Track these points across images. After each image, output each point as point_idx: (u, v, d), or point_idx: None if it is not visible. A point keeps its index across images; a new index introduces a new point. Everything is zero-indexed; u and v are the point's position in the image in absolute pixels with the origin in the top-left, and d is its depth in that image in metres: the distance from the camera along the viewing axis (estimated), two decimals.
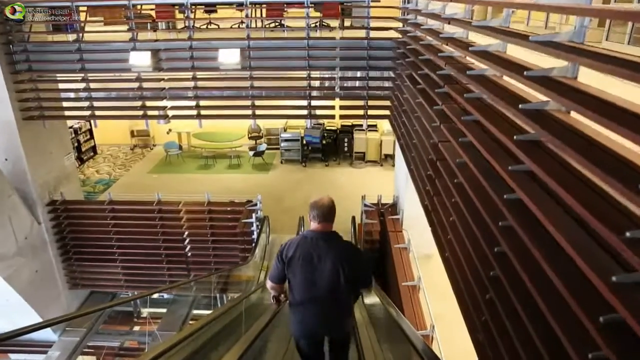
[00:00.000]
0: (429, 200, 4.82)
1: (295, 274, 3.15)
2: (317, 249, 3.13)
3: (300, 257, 3.13)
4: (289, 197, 12.80)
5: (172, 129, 15.88)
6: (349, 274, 3.11)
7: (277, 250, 3.29)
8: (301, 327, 3.28)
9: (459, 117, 3.93)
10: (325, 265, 3.10)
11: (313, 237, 3.19)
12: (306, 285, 3.13)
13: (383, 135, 14.58)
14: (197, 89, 9.00)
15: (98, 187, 13.47)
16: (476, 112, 3.49)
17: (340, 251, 3.17)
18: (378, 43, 8.50)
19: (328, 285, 3.10)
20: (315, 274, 3.11)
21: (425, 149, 5.23)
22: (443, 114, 4.56)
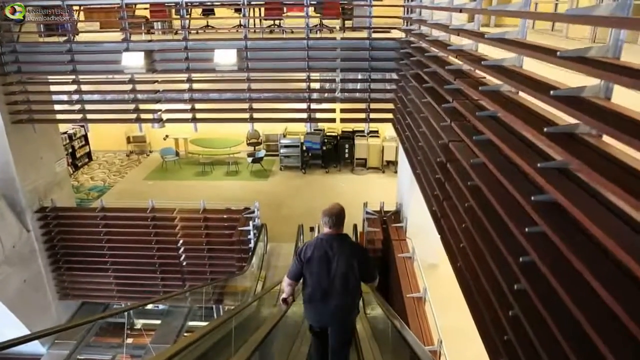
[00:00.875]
0: (438, 205, 4.44)
1: (313, 271, 3.66)
2: (332, 249, 3.68)
3: (318, 256, 3.65)
4: (288, 204, 12.43)
5: (169, 134, 15.54)
6: (358, 268, 3.69)
7: (295, 252, 3.84)
8: (317, 316, 3.81)
9: (473, 113, 3.56)
10: (339, 262, 3.64)
11: (327, 239, 3.74)
12: (323, 279, 3.62)
13: (385, 141, 14.24)
14: (193, 91, 8.66)
15: (92, 194, 13.10)
16: (497, 106, 3.12)
17: (351, 250, 3.75)
18: (380, 43, 8.17)
19: (341, 278, 3.63)
20: (331, 269, 3.63)
21: (433, 150, 4.86)
22: (454, 111, 4.20)
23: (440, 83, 4.72)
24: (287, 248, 9.47)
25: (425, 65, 5.77)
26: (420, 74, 5.68)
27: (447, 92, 4.37)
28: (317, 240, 3.78)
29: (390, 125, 14.44)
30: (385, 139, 14.40)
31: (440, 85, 4.65)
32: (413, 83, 6.55)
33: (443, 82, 4.76)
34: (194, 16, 10.72)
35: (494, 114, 3.38)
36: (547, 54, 2.66)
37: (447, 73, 4.50)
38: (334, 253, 3.68)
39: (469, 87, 3.84)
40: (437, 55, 5.44)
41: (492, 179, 3.08)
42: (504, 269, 2.74)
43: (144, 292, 10.29)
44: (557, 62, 2.51)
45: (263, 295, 7.26)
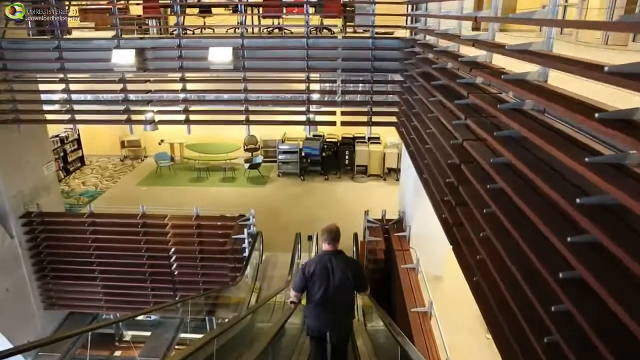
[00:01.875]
0: (450, 212, 4.00)
1: (315, 283, 4.12)
2: (331, 263, 4.16)
3: (319, 270, 4.13)
4: (286, 212, 11.98)
5: (164, 139, 15.13)
6: (352, 279, 4.16)
7: (300, 268, 4.32)
8: (317, 322, 4.24)
9: (493, 106, 3.13)
10: (337, 274, 4.11)
11: (327, 255, 4.22)
12: (324, 289, 4.10)
13: (386, 148, 13.81)
14: (186, 91, 8.24)
15: (82, 199, 12.64)
16: (529, 94, 2.69)
17: (346, 264, 4.22)
18: (384, 43, 7.77)
19: (339, 287, 4.11)
20: (330, 280, 4.11)
21: (443, 152, 4.43)
22: (469, 107, 3.78)
23: (453, 78, 4.31)
24: (283, 258, 9.01)
25: (433, 62, 5.37)
26: (430, 70, 5.26)
27: (462, 86, 3.95)
28: (318, 257, 4.33)
29: (392, 131, 14.10)
30: (386, 145, 13.98)
31: (453, 80, 4.23)
32: (420, 82, 6.14)
33: (455, 76, 4.35)
34: (191, 16, 10.36)
35: (519, 106, 2.95)
36: (590, 69, 2.20)
37: (461, 65, 4.08)
38: (332, 266, 4.16)
39: (489, 76, 3.41)
40: (447, 50, 5.02)
41: (521, 180, 2.65)
42: (539, 287, 2.30)
43: (134, 302, 9.81)
44: (604, 78, 2.06)
45: (257, 309, 6.78)
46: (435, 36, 5.56)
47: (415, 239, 7.95)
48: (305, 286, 4.18)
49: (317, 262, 4.19)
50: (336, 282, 4.09)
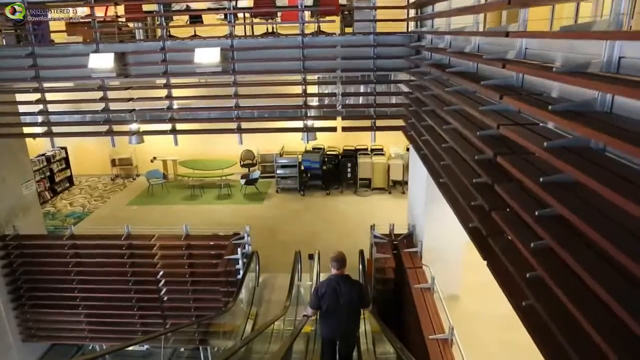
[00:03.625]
0: (482, 219, 3.20)
1: (326, 302, 4.82)
2: (339, 285, 4.83)
3: (330, 291, 4.81)
4: (285, 229, 11.17)
5: (156, 156, 14.41)
6: (358, 298, 4.88)
7: (313, 290, 5.12)
8: (330, 332, 5.03)
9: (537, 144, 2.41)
10: (344, 295, 4.79)
11: (335, 278, 4.88)
12: (333, 307, 4.82)
13: (390, 159, 13.05)
14: (172, 98, 7.52)
15: (68, 220, 11.85)
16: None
17: (352, 286, 4.88)
18: (386, 39, 7.08)
19: (347, 306, 4.83)
20: (339, 300, 4.80)
21: (468, 148, 3.66)
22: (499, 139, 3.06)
23: (473, 104, 3.57)
24: (282, 279, 8.17)
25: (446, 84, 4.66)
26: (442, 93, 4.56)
27: (487, 114, 3.22)
28: (328, 280, 4.97)
29: (396, 141, 13.43)
30: (390, 156, 13.23)
31: (474, 107, 3.50)
32: (434, 74, 5.41)
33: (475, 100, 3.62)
34: (180, 25, 9.72)
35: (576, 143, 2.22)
36: None
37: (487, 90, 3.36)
38: (340, 289, 4.84)
39: (530, 107, 2.68)
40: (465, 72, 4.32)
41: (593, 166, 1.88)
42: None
43: (120, 331, 8.96)
44: None
45: (253, 339, 5.93)
46: (450, 55, 4.82)
47: (428, 254, 7.13)
48: (318, 305, 4.92)
49: (327, 284, 4.93)
50: (344, 301, 4.83)
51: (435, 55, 5.72)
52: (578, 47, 2.61)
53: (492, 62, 3.48)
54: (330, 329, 5.02)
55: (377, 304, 7.06)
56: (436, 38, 5.87)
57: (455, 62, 4.93)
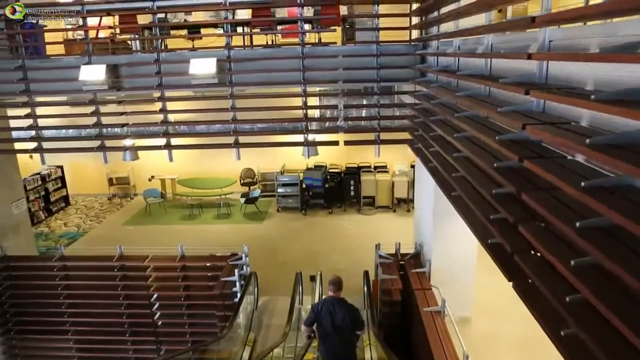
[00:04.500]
0: (505, 234, 2.80)
1: (322, 322, 5.14)
2: (334, 307, 5.11)
3: (326, 311, 5.11)
4: (286, 249, 10.74)
5: (154, 175, 14.07)
6: (351, 321, 5.10)
7: (311, 307, 5.43)
8: (327, 353, 5.23)
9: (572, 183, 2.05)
10: (338, 316, 5.07)
11: (332, 300, 5.17)
12: (328, 328, 5.10)
13: (395, 177, 12.65)
14: (166, 111, 7.20)
15: (62, 241, 11.45)
16: None
17: (346, 309, 5.12)
18: (390, 48, 6.77)
19: (340, 327, 5.08)
20: (334, 321, 5.08)
21: (484, 156, 3.28)
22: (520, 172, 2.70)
23: (489, 133, 3.22)
24: (283, 302, 7.71)
25: (455, 109, 4.33)
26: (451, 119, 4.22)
27: (506, 144, 2.86)
28: (324, 301, 5.22)
29: (399, 158, 13.07)
30: (394, 174, 12.84)
31: (491, 136, 3.13)
32: (442, 81, 5.08)
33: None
34: (178, 39, 9.48)
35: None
36: None
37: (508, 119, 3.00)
38: (334, 311, 5.08)
39: (567, 142, 2.29)
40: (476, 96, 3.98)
41: None
42: None
43: (111, 358, 8.49)
44: None
45: None
46: (461, 78, 4.48)
47: (437, 275, 6.69)
48: (314, 321, 5.18)
49: (323, 303, 5.20)
50: (338, 324, 5.06)
51: (443, 60, 5.40)
52: (616, 69, 2.23)
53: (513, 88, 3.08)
54: (325, 349, 5.29)
55: (383, 328, 6.60)
56: (443, 44, 5.56)
57: (465, 66, 4.60)
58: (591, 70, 2.45)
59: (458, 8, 4.09)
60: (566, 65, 2.66)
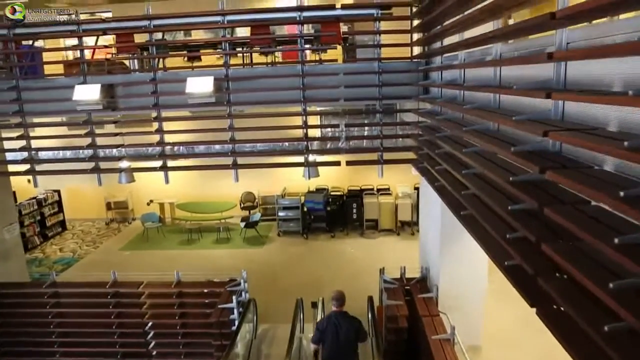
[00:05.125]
0: (524, 255, 2.52)
1: (327, 336, 5.30)
2: (338, 321, 5.31)
3: (330, 326, 5.31)
4: (287, 275, 10.39)
5: (153, 199, 13.81)
6: (355, 333, 5.32)
7: (315, 325, 5.76)
8: None
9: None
10: (342, 330, 5.26)
11: (336, 315, 5.36)
12: (333, 341, 5.26)
13: (398, 199, 12.37)
14: (162, 132, 7.00)
15: (56, 267, 11.12)
16: None
17: (350, 323, 5.33)
18: (393, 65, 6.60)
19: (345, 340, 5.27)
20: (338, 335, 5.25)
21: (499, 171, 3.03)
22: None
23: (501, 173, 2.98)
24: (283, 331, 7.33)
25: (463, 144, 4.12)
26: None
27: (522, 188, 2.62)
28: (328, 317, 5.45)
29: (402, 181, 12.82)
30: (398, 196, 12.56)
31: (504, 178, 2.90)
32: (447, 96, 4.86)
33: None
34: (175, 58, 9.36)
35: None
36: None
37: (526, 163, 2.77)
38: (340, 324, 5.27)
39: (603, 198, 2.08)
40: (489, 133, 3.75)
41: None
42: None
43: None
44: None
45: None
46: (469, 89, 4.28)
47: (445, 300, 6.35)
48: (320, 339, 5.37)
49: (327, 321, 5.40)
50: (342, 336, 5.25)
51: (447, 75, 5.20)
52: None
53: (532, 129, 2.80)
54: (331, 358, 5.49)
55: (389, 356, 6.23)
56: (447, 59, 5.37)
57: (472, 79, 4.38)
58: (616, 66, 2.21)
59: (462, 17, 3.88)
60: (588, 65, 2.42)
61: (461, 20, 3.94)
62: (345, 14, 6.56)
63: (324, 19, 6.64)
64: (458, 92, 4.79)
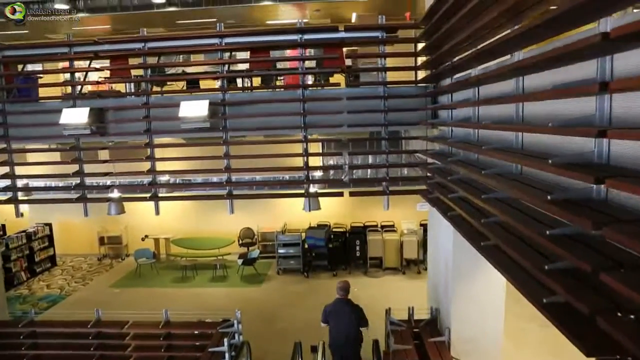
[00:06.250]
0: (572, 290, 2.02)
1: (332, 318, 6.13)
2: (341, 307, 6.13)
3: (334, 310, 6.14)
4: (285, 315, 9.73)
5: (148, 234, 13.29)
6: (356, 317, 6.06)
7: (323, 308, 6.36)
8: (334, 343, 6.18)
9: None
10: (345, 314, 6.07)
11: (339, 302, 6.19)
12: (337, 323, 6.10)
13: (403, 236, 11.81)
14: (154, 159, 6.58)
15: (40, 304, 10.50)
16: None
17: (351, 309, 6.13)
18: (398, 90, 6.24)
19: (347, 323, 6.06)
20: (341, 318, 6.08)
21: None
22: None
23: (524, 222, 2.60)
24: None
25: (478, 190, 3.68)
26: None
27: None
28: (334, 302, 6.25)
29: (407, 217, 12.31)
30: (403, 233, 12.00)
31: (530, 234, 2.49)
32: (460, 116, 4.45)
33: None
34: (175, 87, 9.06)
35: None
36: None
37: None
38: (342, 309, 6.13)
39: None
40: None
41: None
42: None
43: None
44: None
45: None
46: (494, 155, 3.85)
47: (458, 345, 5.73)
48: (326, 319, 6.16)
49: (333, 305, 6.18)
50: (345, 320, 6.01)
51: (459, 96, 4.80)
52: None
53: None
54: (334, 339, 6.17)
55: None
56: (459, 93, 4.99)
57: (486, 115, 3.96)
58: None
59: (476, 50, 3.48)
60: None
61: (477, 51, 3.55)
62: (349, 36, 6.25)
63: (327, 42, 6.32)
64: (472, 112, 4.37)
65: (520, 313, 6.60)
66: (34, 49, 6.75)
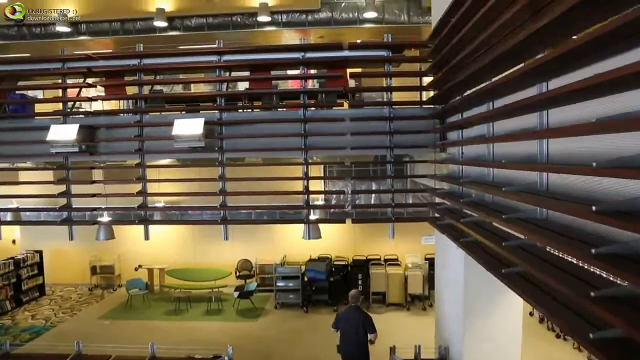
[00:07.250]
0: (631, 319, 1.59)
1: (342, 324, 6.63)
2: (351, 313, 6.65)
3: (345, 317, 6.70)
4: (283, 353, 9.15)
5: (142, 264, 12.79)
6: (364, 324, 6.49)
7: (337, 314, 7.07)
8: (344, 348, 6.59)
9: None
10: (354, 320, 6.53)
11: (350, 309, 6.73)
12: (347, 329, 6.54)
13: (408, 270, 11.27)
14: (145, 180, 6.21)
15: (23, 336, 9.92)
16: None
17: (360, 315, 6.60)
18: (405, 111, 5.90)
19: (356, 330, 6.46)
20: (350, 324, 6.53)
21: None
22: None
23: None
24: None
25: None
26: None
27: None
28: (346, 309, 6.90)
29: (411, 251, 11.82)
30: (407, 267, 11.48)
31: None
32: (471, 133, 4.08)
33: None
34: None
35: None
36: None
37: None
38: (352, 316, 6.61)
39: None
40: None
41: None
42: None
43: None
44: None
45: None
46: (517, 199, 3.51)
47: None
48: (337, 325, 6.71)
49: (345, 311, 6.91)
50: (354, 326, 6.50)
51: (469, 114, 4.44)
52: None
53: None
54: (345, 345, 6.56)
55: None
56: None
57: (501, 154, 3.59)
58: None
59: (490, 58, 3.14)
60: None
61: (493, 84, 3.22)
62: (353, 55, 5.97)
63: (330, 60, 6.04)
64: (485, 129, 3.99)
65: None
66: (25, 64, 6.47)
